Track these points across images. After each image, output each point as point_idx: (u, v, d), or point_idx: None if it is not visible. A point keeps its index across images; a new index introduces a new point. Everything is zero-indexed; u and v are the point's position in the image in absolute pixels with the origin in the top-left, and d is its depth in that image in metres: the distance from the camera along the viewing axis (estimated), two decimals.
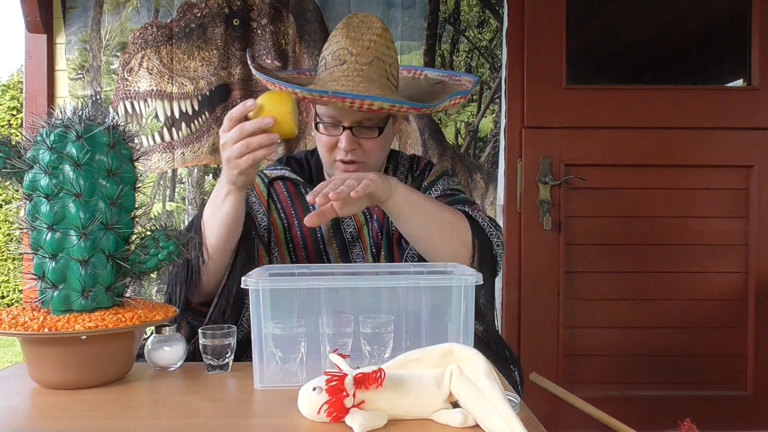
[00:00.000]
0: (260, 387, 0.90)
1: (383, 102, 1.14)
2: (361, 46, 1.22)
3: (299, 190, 1.39)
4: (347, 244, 1.35)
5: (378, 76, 1.23)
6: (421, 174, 1.42)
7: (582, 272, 2.22)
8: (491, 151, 2.25)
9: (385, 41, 1.25)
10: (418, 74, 1.43)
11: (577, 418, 1.84)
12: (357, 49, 1.22)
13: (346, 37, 1.23)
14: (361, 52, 1.22)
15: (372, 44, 1.23)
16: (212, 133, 2.21)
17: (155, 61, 2.20)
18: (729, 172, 2.23)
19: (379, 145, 1.30)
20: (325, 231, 1.35)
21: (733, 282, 2.22)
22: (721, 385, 2.22)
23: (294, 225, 1.36)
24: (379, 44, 1.24)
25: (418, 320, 0.94)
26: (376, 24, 1.25)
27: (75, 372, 0.88)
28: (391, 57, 1.26)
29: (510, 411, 0.68)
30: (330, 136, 1.27)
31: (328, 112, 1.26)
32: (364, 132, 1.26)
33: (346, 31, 1.24)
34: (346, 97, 1.13)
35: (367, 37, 1.23)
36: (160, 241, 0.97)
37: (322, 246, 1.35)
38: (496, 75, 2.25)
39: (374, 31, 1.24)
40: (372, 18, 1.27)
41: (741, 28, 2.28)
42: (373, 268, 1.14)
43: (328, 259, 1.34)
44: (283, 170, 1.42)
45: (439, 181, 1.40)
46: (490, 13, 2.25)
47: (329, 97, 1.14)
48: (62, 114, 0.93)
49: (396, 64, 1.30)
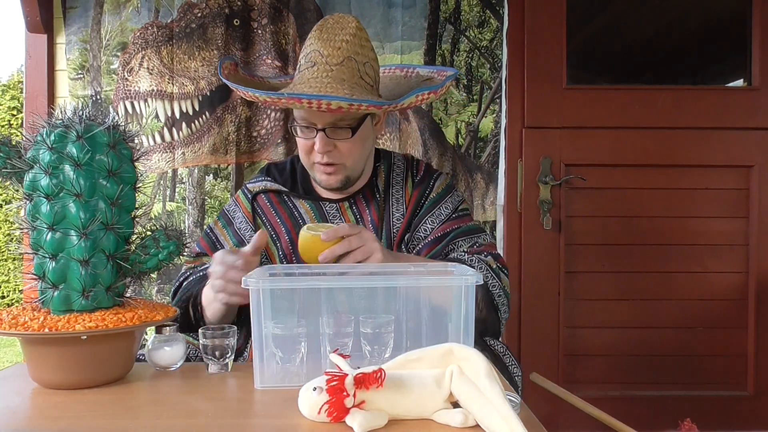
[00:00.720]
0: (260, 387, 0.90)
1: (340, 101, 1.14)
2: (333, 47, 1.22)
3: (282, 198, 1.39)
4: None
5: (349, 75, 1.22)
6: (423, 180, 1.39)
7: (582, 272, 2.22)
8: (491, 151, 2.25)
9: (359, 40, 1.24)
10: (410, 72, 1.42)
11: (578, 418, 1.84)
12: (328, 50, 1.22)
13: (319, 39, 1.24)
14: (332, 53, 1.22)
15: (344, 44, 1.22)
16: (213, 133, 2.21)
17: (156, 61, 2.20)
18: (729, 172, 2.23)
19: (356, 146, 1.29)
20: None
21: (733, 282, 2.22)
22: (721, 385, 2.22)
23: (282, 235, 1.36)
24: (351, 44, 1.23)
25: (418, 320, 0.94)
26: (351, 24, 1.25)
27: (75, 372, 0.88)
28: (365, 56, 1.26)
29: (510, 411, 0.68)
30: (306, 138, 1.28)
31: (301, 114, 1.26)
32: (338, 133, 1.25)
33: (320, 33, 1.24)
34: (301, 98, 1.14)
35: (340, 37, 1.23)
36: (160, 241, 0.97)
37: None
38: (496, 75, 2.25)
39: (347, 31, 1.24)
40: (347, 18, 1.26)
41: (741, 27, 2.28)
42: (373, 269, 1.14)
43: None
44: (264, 181, 1.41)
45: (448, 198, 1.38)
46: (491, 13, 2.25)
47: (286, 99, 1.15)
48: (62, 114, 0.93)
49: (373, 62, 1.29)
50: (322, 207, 1.37)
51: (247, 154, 2.22)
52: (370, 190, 1.38)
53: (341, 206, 1.37)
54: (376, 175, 1.40)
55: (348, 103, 1.15)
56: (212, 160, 2.22)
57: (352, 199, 1.37)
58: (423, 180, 1.39)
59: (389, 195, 1.38)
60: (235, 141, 2.21)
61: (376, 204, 1.37)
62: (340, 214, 1.36)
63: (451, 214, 1.36)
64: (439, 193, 1.38)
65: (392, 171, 1.41)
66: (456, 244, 1.33)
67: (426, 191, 1.38)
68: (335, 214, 1.36)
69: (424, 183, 1.39)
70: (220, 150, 2.21)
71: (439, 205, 1.37)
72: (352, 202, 1.37)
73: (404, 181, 1.40)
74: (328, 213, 1.36)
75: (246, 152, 2.22)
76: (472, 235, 1.35)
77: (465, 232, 1.35)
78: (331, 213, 1.36)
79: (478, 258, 1.29)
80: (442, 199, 1.38)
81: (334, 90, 1.19)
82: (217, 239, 1.41)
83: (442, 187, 1.40)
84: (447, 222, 1.35)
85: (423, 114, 2.22)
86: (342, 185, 1.33)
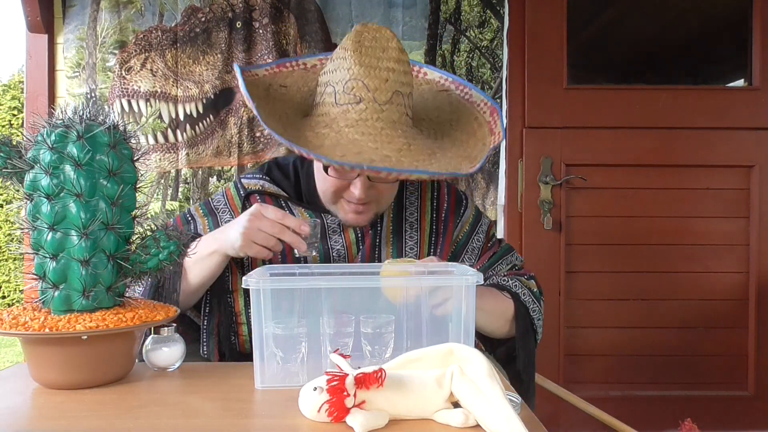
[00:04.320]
0: (261, 387, 0.90)
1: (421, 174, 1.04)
2: (379, 78, 1.06)
3: (279, 203, 1.25)
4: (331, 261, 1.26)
5: (399, 115, 1.08)
6: (452, 208, 1.30)
7: (583, 272, 2.22)
8: (492, 151, 2.24)
9: (403, 67, 1.09)
10: (416, 70, 1.29)
11: (579, 418, 1.84)
12: (374, 82, 1.06)
13: (359, 65, 1.06)
14: (379, 86, 1.06)
15: (390, 74, 1.07)
16: (216, 136, 2.21)
17: (160, 64, 2.20)
18: (730, 172, 2.23)
19: (394, 187, 1.21)
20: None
21: (734, 282, 2.22)
22: (722, 385, 2.22)
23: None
24: (398, 73, 1.08)
25: (419, 320, 0.94)
26: (392, 44, 1.08)
27: (76, 372, 0.88)
28: (408, 85, 1.11)
29: (511, 411, 0.68)
30: (341, 179, 1.15)
31: None
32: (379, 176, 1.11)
33: (359, 56, 1.06)
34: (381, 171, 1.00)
35: (384, 64, 1.07)
36: (161, 241, 0.97)
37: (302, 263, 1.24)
38: (496, 75, 2.25)
39: (390, 54, 1.07)
40: (385, 34, 1.09)
41: (742, 27, 2.28)
42: (374, 269, 1.13)
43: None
44: (261, 181, 1.28)
45: (478, 227, 1.32)
46: (491, 13, 2.25)
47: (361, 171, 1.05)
48: (63, 114, 0.92)
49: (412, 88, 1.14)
50: (323, 219, 1.24)
51: (250, 154, 2.22)
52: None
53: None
54: None
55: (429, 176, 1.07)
56: (216, 162, 2.22)
57: None
58: (450, 212, 1.30)
59: (402, 218, 1.28)
60: (237, 142, 2.21)
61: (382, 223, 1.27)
62: (341, 231, 1.25)
63: (485, 243, 1.32)
64: (470, 224, 1.31)
65: (405, 191, 1.30)
66: (494, 269, 1.29)
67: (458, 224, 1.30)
68: (335, 229, 1.25)
69: (453, 216, 1.30)
70: (224, 152, 2.22)
71: (472, 237, 1.31)
72: None
73: (420, 202, 1.30)
74: (328, 227, 1.24)
75: (249, 153, 2.22)
76: (507, 256, 1.32)
77: (501, 255, 1.31)
78: (332, 228, 1.25)
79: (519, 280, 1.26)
80: (473, 231, 1.31)
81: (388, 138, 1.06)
82: (196, 226, 1.29)
83: (471, 217, 1.32)
84: (483, 254, 1.31)
85: None
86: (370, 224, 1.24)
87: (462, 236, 1.30)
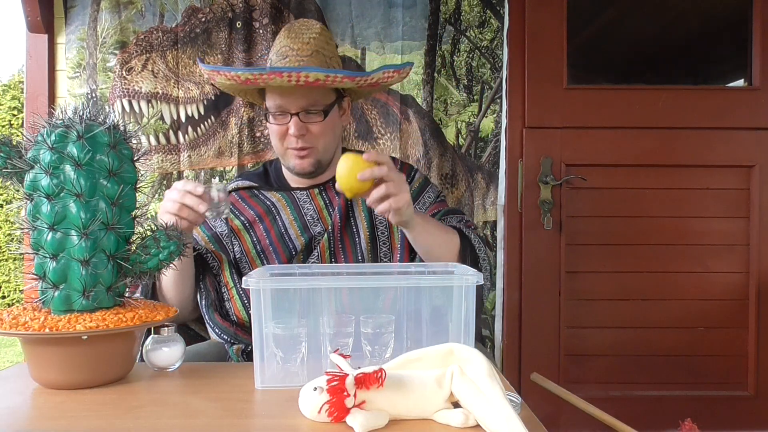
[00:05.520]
0: (261, 387, 0.90)
1: (318, 72, 1.24)
2: (301, 42, 1.34)
3: (253, 193, 1.48)
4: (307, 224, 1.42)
5: (319, 64, 1.33)
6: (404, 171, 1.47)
7: (583, 272, 2.22)
8: (492, 151, 2.25)
9: (324, 38, 1.37)
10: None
11: (578, 418, 1.84)
12: (297, 45, 1.34)
13: (287, 38, 1.35)
14: (302, 47, 1.33)
15: (312, 40, 1.34)
16: (218, 137, 2.21)
17: (161, 65, 2.20)
18: (730, 172, 2.22)
19: (327, 129, 1.38)
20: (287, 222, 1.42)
21: (734, 282, 2.22)
22: (722, 385, 2.21)
23: (256, 223, 1.44)
24: (318, 40, 1.35)
25: (419, 320, 0.94)
26: (316, 25, 1.38)
27: (76, 372, 0.88)
28: (330, 51, 1.38)
29: (511, 411, 0.68)
30: (279, 124, 1.36)
31: (275, 102, 1.34)
32: (310, 117, 1.35)
33: (288, 32, 1.37)
34: (282, 71, 1.23)
35: (307, 35, 1.35)
36: (161, 241, 0.97)
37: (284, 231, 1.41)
38: (497, 75, 2.25)
39: (314, 30, 1.36)
40: (312, 21, 1.40)
41: (742, 27, 2.28)
42: (374, 269, 1.14)
43: (293, 244, 1.40)
44: (236, 181, 1.52)
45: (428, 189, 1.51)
46: (491, 13, 2.25)
47: (268, 74, 1.24)
48: (63, 114, 0.93)
49: (336, 58, 1.40)
50: (293, 195, 1.45)
51: (250, 154, 2.22)
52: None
53: (311, 193, 1.45)
54: None
55: (324, 74, 1.24)
56: (217, 164, 2.22)
57: (322, 186, 1.46)
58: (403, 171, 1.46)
59: None
60: (237, 142, 2.21)
61: None
62: (311, 200, 1.44)
63: (435, 200, 1.49)
64: (419, 184, 1.50)
65: None
66: (446, 220, 1.43)
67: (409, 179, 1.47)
68: (305, 199, 1.44)
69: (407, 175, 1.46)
70: (226, 153, 2.22)
71: (422, 195, 1.49)
72: (321, 189, 1.46)
73: None
74: (299, 200, 1.45)
75: (249, 153, 2.22)
76: (459, 214, 1.48)
77: (452, 211, 1.48)
78: (302, 199, 1.45)
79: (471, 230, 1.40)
80: (422, 191, 1.49)
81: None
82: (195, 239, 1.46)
83: (420, 181, 1.51)
84: (433, 205, 1.48)
85: (423, 114, 2.22)
86: (314, 169, 1.41)
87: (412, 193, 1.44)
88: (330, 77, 1.25)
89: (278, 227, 1.42)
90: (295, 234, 1.40)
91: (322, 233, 1.40)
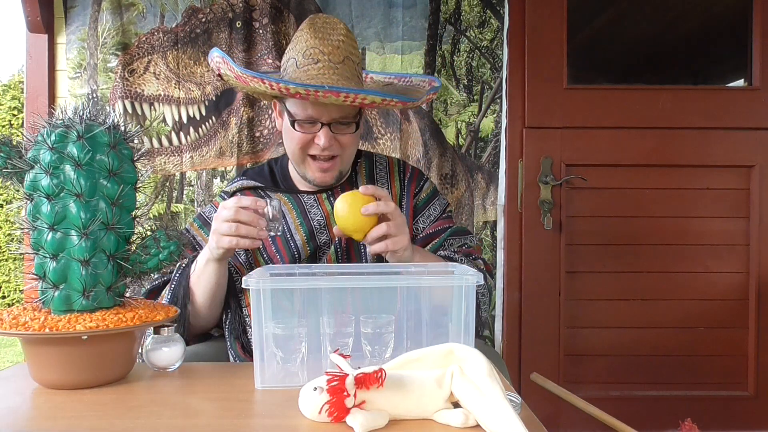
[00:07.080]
0: (261, 387, 0.90)
1: (375, 96, 1.20)
2: (332, 45, 1.26)
3: (259, 194, 1.41)
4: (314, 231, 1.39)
5: (351, 74, 1.27)
6: (413, 180, 1.46)
7: (583, 272, 2.22)
8: (492, 151, 2.25)
9: (351, 41, 1.29)
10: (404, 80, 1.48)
11: (578, 418, 1.84)
12: (328, 48, 1.25)
13: (315, 37, 1.26)
14: (333, 51, 1.25)
15: (341, 44, 1.27)
16: (219, 137, 2.21)
17: (162, 66, 2.20)
18: (730, 172, 2.22)
19: (355, 140, 1.34)
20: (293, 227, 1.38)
21: (734, 282, 2.22)
22: (722, 386, 2.22)
23: None
24: (347, 44, 1.28)
25: (419, 320, 0.94)
26: (340, 25, 1.29)
27: (76, 372, 0.88)
28: (357, 56, 1.32)
29: (511, 411, 0.68)
30: (306, 133, 1.30)
31: (305, 111, 1.28)
32: (341, 128, 1.30)
33: (313, 31, 1.27)
34: (340, 91, 1.17)
35: (335, 37, 1.27)
36: (161, 241, 0.97)
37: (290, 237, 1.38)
38: (497, 75, 2.25)
39: (340, 31, 1.28)
40: (335, 19, 1.31)
41: (742, 27, 2.28)
42: (374, 269, 1.14)
43: (298, 252, 1.37)
44: (240, 181, 1.45)
45: (436, 200, 1.46)
46: (491, 13, 2.25)
47: (324, 92, 1.17)
48: (63, 114, 0.93)
49: (361, 63, 1.37)
50: (300, 199, 1.40)
51: (249, 154, 2.22)
52: (349, 184, 1.42)
53: (319, 198, 1.40)
54: (356, 170, 1.45)
55: (381, 98, 1.21)
56: (219, 164, 2.22)
57: (330, 191, 1.41)
58: (413, 180, 1.46)
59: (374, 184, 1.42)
60: (237, 142, 2.21)
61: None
62: (318, 204, 1.39)
63: (441, 215, 1.45)
64: (428, 194, 1.46)
65: (375, 167, 1.46)
66: (448, 242, 1.40)
67: (418, 191, 1.45)
68: (313, 204, 1.39)
69: (415, 183, 1.45)
70: (227, 153, 2.22)
71: (429, 205, 1.45)
72: (329, 194, 1.40)
73: (389, 177, 1.46)
74: (306, 204, 1.39)
75: (248, 153, 2.22)
76: (462, 236, 1.43)
77: (456, 232, 1.43)
78: (309, 204, 1.39)
79: (469, 260, 1.36)
80: (431, 200, 1.45)
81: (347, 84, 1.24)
82: (194, 239, 1.43)
83: (430, 189, 1.47)
84: (438, 221, 1.43)
85: (423, 114, 2.22)
86: (336, 181, 1.38)
87: (420, 202, 1.44)
88: (386, 101, 1.22)
89: (284, 232, 1.37)
90: (301, 241, 1.36)
91: (329, 244, 1.37)
